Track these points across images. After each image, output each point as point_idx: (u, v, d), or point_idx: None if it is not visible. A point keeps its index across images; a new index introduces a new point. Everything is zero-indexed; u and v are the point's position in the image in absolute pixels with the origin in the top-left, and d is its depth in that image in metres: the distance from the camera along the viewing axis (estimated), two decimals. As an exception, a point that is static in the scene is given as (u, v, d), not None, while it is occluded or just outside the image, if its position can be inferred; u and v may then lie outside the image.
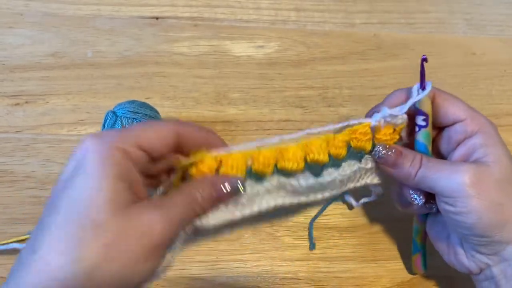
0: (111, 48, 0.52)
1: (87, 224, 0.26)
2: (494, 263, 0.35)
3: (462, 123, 0.37)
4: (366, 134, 0.37)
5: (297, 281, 0.44)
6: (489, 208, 0.33)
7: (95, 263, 0.26)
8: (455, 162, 0.36)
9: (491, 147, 0.35)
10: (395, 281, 0.45)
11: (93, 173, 0.27)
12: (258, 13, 0.55)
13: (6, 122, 0.47)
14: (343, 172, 0.37)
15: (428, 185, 0.35)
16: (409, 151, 0.37)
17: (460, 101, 0.38)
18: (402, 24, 0.57)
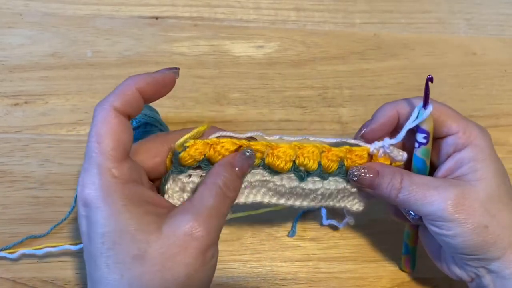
0: (110, 48, 0.52)
1: (130, 261, 0.27)
2: (483, 274, 0.35)
3: (453, 136, 0.36)
4: (362, 157, 0.37)
5: (297, 281, 0.44)
6: (474, 232, 0.33)
7: None
8: (438, 183, 0.34)
9: (479, 162, 0.35)
10: (396, 281, 0.45)
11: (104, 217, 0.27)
12: (258, 13, 0.55)
13: (6, 122, 0.47)
14: (328, 186, 0.36)
15: (411, 208, 0.35)
16: (387, 170, 0.35)
17: (453, 111, 0.37)
18: (402, 24, 0.57)
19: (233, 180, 0.32)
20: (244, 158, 0.33)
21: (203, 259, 0.28)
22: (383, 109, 0.38)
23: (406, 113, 0.37)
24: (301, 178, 0.36)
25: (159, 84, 0.32)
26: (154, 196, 0.31)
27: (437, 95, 0.53)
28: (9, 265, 0.42)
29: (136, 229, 0.27)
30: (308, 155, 0.35)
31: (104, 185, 0.28)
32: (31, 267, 0.42)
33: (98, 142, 0.29)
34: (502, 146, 0.51)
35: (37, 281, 0.42)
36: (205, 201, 0.30)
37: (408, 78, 0.54)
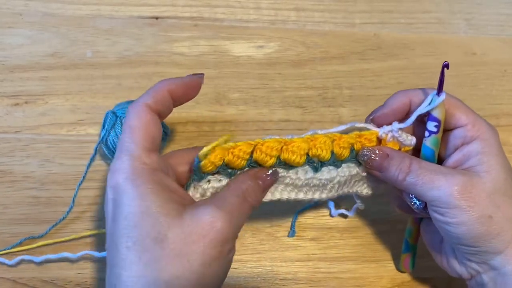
0: (110, 48, 0.52)
1: (150, 243, 0.27)
2: (484, 270, 0.35)
3: (462, 128, 0.36)
4: (371, 141, 0.37)
5: (297, 281, 0.44)
6: (478, 221, 0.33)
7: (173, 275, 0.27)
8: (446, 170, 0.35)
9: (487, 155, 0.35)
10: (396, 281, 0.45)
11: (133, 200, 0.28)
12: (258, 13, 0.55)
13: (6, 122, 0.47)
14: (342, 173, 0.37)
15: (417, 192, 0.35)
16: (397, 154, 0.36)
17: (463, 105, 0.37)
18: (402, 24, 0.57)
19: (255, 189, 0.33)
20: (268, 176, 0.35)
21: (220, 250, 0.29)
22: (396, 95, 0.38)
23: (418, 101, 0.37)
24: (315, 169, 0.36)
25: (187, 86, 0.35)
26: (180, 189, 0.32)
27: (437, 95, 0.53)
28: (10, 265, 0.42)
29: (159, 212, 0.28)
30: (320, 146, 0.36)
31: (133, 170, 0.29)
32: (32, 267, 0.42)
33: (131, 133, 0.31)
34: (503, 146, 0.51)
35: (37, 281, 0.42)
36: (227, 198, 0.31)
37: (408, 78, 0.54)
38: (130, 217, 0.28)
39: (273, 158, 0.35)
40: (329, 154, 0.36)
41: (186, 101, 0.36)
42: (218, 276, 0.30)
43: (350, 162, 0.37)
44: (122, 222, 0.28)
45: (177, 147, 0.48)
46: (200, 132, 0.49)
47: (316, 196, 0.38)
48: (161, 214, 0.28)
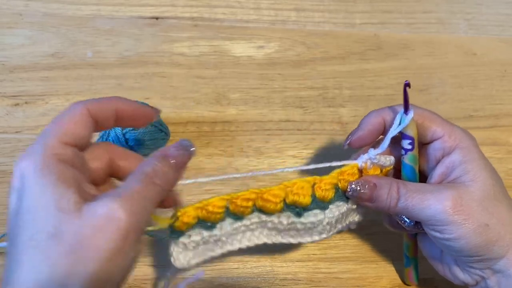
0: (111, 48, 0.52)
1: (44, 238, 0.25)
2: (488, 275, 0.35)
3: (440, 140, 0.36)
4: (354, 175, 0.36)
5: (297, 282, 0.44)
6: (475, 231, 0.33)
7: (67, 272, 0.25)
8: (433, 188, 0.35)
9: (470, 163, 0.35)
10: (395, 282, 0.45)
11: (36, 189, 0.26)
12: (258, 13, 0.55)
13: (6, 122, 0.47)
14: (331, 214, 0.36)
15: (411, 215, 0.35)
16: (383, 181, 0.35)
17: (436, 116, 0.37)
18: (403, 24, 0.57)
19: (165, 169, 0.30)
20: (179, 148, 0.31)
21: (122, 244, 0.26)
22: (369, 116, 0.38)
23: (391, 119, 0.37)
24: (298, 214, 0.36)
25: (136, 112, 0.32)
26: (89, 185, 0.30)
27: (437, 95, 0.53)
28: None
29: (57, 206, 0.26)
30: (297, 191, 0.35)
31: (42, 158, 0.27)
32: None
33: (54, 123, 0.29)
34: (502, 146, 0.51)
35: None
36: (128, 185, 0.28)
37: (408, 78, 0.53)
38: (31, 210, 0.26)
39: (249, 208, 0.35)
40: (309, 199, 0.35)
41: (132, 125, 0.34)
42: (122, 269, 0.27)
43: (337, 201, 0.36)
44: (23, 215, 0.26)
45: (177, 147, 0.48)
46: (200, 132, 0.49)
47: (308, 239, 0.37)
48: (58, 208, 0.26)
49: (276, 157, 0.48)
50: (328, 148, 0.49)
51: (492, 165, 0.36)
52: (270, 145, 0.49)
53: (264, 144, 0.49)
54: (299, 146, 0.49)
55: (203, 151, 0.48)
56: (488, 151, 0.51)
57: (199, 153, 0.47)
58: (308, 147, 0.49)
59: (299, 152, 0.49)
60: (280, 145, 0.49)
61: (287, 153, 0.49)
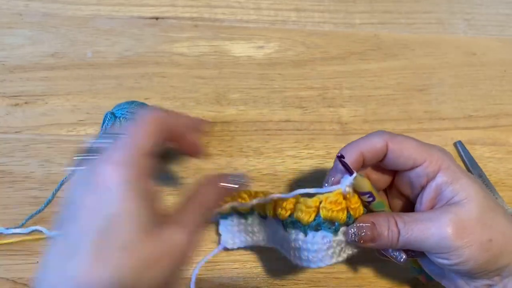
0: (111, 48, 0.52)
1: (117, 249, 0.26)
2: (496, 282, 0.35)
3: (421, 167, 0.35)
4: (338, 203, 0.35)
5: (297, 281, 0.44)
6: (481, 249, 0.33)
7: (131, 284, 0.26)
8: (431, 215, 0.34)
9: (456, 183, 0.34)
10: (395, 281, 0.45)
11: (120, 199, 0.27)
12: (258, 14, 0.55)
13: (6, 122, 0.47)
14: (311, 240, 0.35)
15: (414, 247, 0.34)
16: (381, 218, 0.35)
17: (413, 141, 0.36)
18: (402, 24, 0.57)
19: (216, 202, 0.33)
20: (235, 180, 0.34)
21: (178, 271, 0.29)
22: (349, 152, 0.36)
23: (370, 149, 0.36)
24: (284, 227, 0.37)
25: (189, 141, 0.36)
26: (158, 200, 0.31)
27: (437, 95, 0.53)
28: (10, 265, 0.42)
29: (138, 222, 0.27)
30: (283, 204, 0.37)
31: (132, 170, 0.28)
32: (32, 267, 0.42)
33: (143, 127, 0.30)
34: (502, 146, 0.51)
35: (37, 281, 0.42)
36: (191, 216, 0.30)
37: (408, 78, 0.54)
38: (112, 217, 0.27)
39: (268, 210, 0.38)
40: (288, 214, 0.36)
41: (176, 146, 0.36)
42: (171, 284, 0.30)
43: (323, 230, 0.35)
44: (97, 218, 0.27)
45: (177, 147, 0.48)
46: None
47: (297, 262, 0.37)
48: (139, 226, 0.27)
49: (275, 157, 0.48)
50: (328, 148, 0.49)
51: (473, 175, 0.36)
52: (270, 145, 0.49)
53: (264, 144, 0.49)
54: (298, 146, 0.49)
55: (203, 151, 0.48)
56: (488, 151, 0.51)
57: (199, 153, 0.48)
58: (308, 147, 0.49)
59: (299, 152, 0.49)
60: (279, 145, 0.49)
61: (287, 153, 0.49)
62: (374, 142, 0.36)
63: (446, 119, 0.52)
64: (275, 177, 0.47)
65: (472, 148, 0.51)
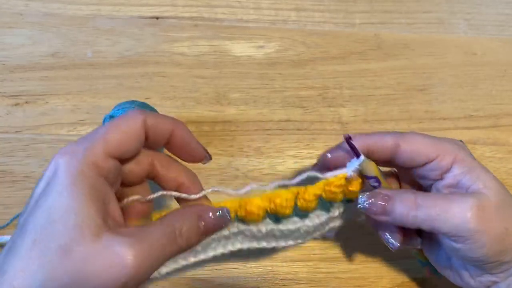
0: (111, 48, 0.52)
1: (53, 249, 0.25)
2: (502, 279, 0.35)
3: (435, 161, 0.35)
4: (340, 186, 0.35)
5: (298, 281, 0.44)
6: (497, 237, 0.32)
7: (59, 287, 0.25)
8: (455, 196, 0.34)
9: (473, 172, 0.34)
10: (396, 281, 0.45)
11: (63, 193, 0.26)
12: (258, 13, 0.55)
13: (6, 122, 0.47)
14: (310, 223, 0.36)
15: (432, 226, 0.33)
16: (397, 192, 0.34)
17: (424, 137, 0.36)
18: (403, 24, 0.57)
19: (193, 231, 0.29)
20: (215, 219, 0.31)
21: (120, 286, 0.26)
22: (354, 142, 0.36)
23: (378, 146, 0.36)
24: (277, 221, 0.36)
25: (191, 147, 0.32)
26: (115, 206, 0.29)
27: (437, 95, 0.53)
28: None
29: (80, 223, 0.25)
30: (281, 203, 0.35)
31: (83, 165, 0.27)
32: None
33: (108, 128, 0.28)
34: (502, 146, 0.51)
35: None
36: (154, 233, 0.27)
37: (408, 78, 0.54)
38: (53, 212, 0.26)
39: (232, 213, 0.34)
40: (290, 210, 0.35)
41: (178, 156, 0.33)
42: None
43: (318, 210, 0.36)
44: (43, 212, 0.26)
45: (177, 147, 0.48)
46: (200, 132, 0.49)
47: (282, 244, 0.37)
48: (79, 227, 0.25)
49: (276, 157, 0.48)
50: (327, 148, 0.49)
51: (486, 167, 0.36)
52: (270, 145, 0.49)
53: (264, 144, 0.49)
54: (299, 146, 0.49)
55: (203, 151, 0.48)
56: (488, 151, 0.51)
57: (199, 153, 0.47)
58: (308, 147, 0.49)
59: (299, 152, 0.49)
60: (280, 145, 0.49)
61: (287, 153, 0.49)
62: (384, 138, 0.36)
63: (447, 119, 0.52)
64: (275, 176, 0.47)
65: (473, 148, 0.51)
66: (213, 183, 0.46)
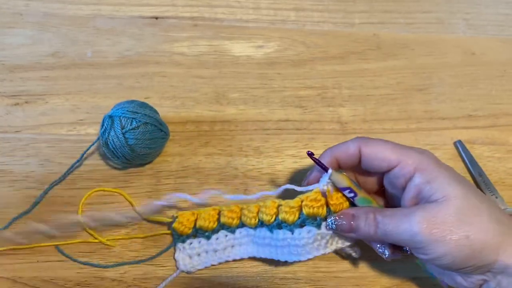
0: (111, 48, 0.52)
1: None
2: (490, 278, 0.35)
3: (398, 168, 0.36)
4: (317, 200, 0.38)
5: (297, 281, 0.44)
6: (457, 245, 0.33)
7: None
8: (406, 211, 0.35)
9: (433, 182, 0.35)
10: (395, 281, 0.45)
11: None
12: (257, 13, 0.55)
13: (6, 122, 0.47)
14: (298, 236, 0.38)
15: (392, 240, 0.36)
16: (359, 211, 0.37)
17: (386, 144, 0.37)
18: (402, 24, 0.57)
19: None
20: None
21: None
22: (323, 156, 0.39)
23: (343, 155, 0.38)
24: (270, 230, 0.40)
25: None
26: None
27: (436, 94, 0.53)
28: (9, 264, 0.42)
29: None
30: (268, 211, 0.40)
31: None
32: (32, 266, 0.42)
33: None
34: (502, 146, 0.51)
35: (37, 280, 0.42)
36: None
37: (407, 78, 0.54)
38: None
39: (235, 219, 0.42)
40: (273, 218, 0.39)
41: None
42: None
43: (308, 226, 0.38)
44: None
45: (177, 147, 0.48)
46: (199, 131, 0.49)
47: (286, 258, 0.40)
48: None
49: (275, 156, 0.48)
50: (327, 148, 0.49)
51: (457, 174, 0.36)
52: (269, 145, 0.49)
53: (263, 143, 0.49)
54: (298, 145, 0.49)
55: (203, 150, 0.48)
56: (487, 150, 0.51)
57: (199, 152, 0.48)
58: (307, 146, 0.49)
59: (298, 152, 0.49)
60: (279, 145, 0.49)
61: (286, 153, 0.49)
62: (347, 146, 0.38)
63: (446, 119, 0.52)
64: (274, 176, 0.47)
65: (472, 147, 0.51)
66: (212, 183, 0.46)
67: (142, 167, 0.47)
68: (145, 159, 0.45)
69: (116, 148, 0.42)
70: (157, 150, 0.45)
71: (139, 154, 0.43)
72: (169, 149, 0.47)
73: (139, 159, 0.44)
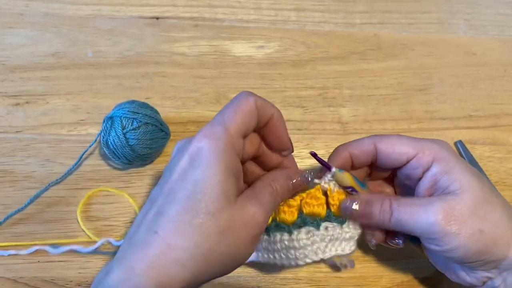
0: (111, 48, 0.52)
1: (203, 214, 0.30)
2: (495, 275, 0.35)
3: (415, 159, 0.36)
4: (317, 198, 0.37)
5: (298, 281, 0.44)
6: (471, 239, 0.33)
7: (211, 247, 0.30)
8: (424, 201, 0.35)
9: (451, 172, 0.35)
10: (395, 281, 0.45)
11: (209, 168, 0.30)
12: (258, 13, 0.55)
13: (7, 122, 0.47)
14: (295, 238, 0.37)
15: (405, 229, 0.35)
16: (375, 197, 0.37)
17: (402, 137, 0.37)
18: (402, 24, 0.57)
19: (285, 189, 0.36)
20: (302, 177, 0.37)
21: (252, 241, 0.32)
22: (337, 151, 0.39)
23: (357, 152, 0.38)
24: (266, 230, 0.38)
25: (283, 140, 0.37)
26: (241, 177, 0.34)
27: (437, 95, 0.53)
28: (10, 264, 0.42)
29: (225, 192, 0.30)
30: None
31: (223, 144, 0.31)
32: (32, 266, 0.42)
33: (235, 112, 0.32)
34: (502, 146, 0.51)
35: (38, 280, 0.42)
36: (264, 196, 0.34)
37: (408, 78, 0.54)
38: (200, 183, 0.30)
39: None
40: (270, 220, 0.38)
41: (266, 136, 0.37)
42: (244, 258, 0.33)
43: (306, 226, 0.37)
44: (190, 184, 0.30)
45: (177, 147, 0.48)
46: (200, 132, 0.49)
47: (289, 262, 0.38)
48: (225, 195, 0.30)
49: (276, 156, 0.48)
50: (328, 148, 0.49)
51: (472, 167, 0.36)
52: (270, 145, 0.49)
53: (264, 143, 0.49)
54: (299, 145, 0.49)
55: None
56: (488, 150, 0.51)
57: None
58: (308, 146, 0.49)
59: (299, 152, 0.49)
60: (280, 145, 0.49)
61: (287, 153, 0.49)
62: (362, 143, 0.38)
63: (446, 119, 0.52)
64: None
65: (472, 147, 0.51)
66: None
67: (143, 168, 0.47)
68: (146, 160, 0.45)
69: (117, 149, 0.42)
70: (158, 150, 0.45)
71: (140, 154, 0.43)
72: (170, 150, 0.47)
73: (140, 160, 0.44)
